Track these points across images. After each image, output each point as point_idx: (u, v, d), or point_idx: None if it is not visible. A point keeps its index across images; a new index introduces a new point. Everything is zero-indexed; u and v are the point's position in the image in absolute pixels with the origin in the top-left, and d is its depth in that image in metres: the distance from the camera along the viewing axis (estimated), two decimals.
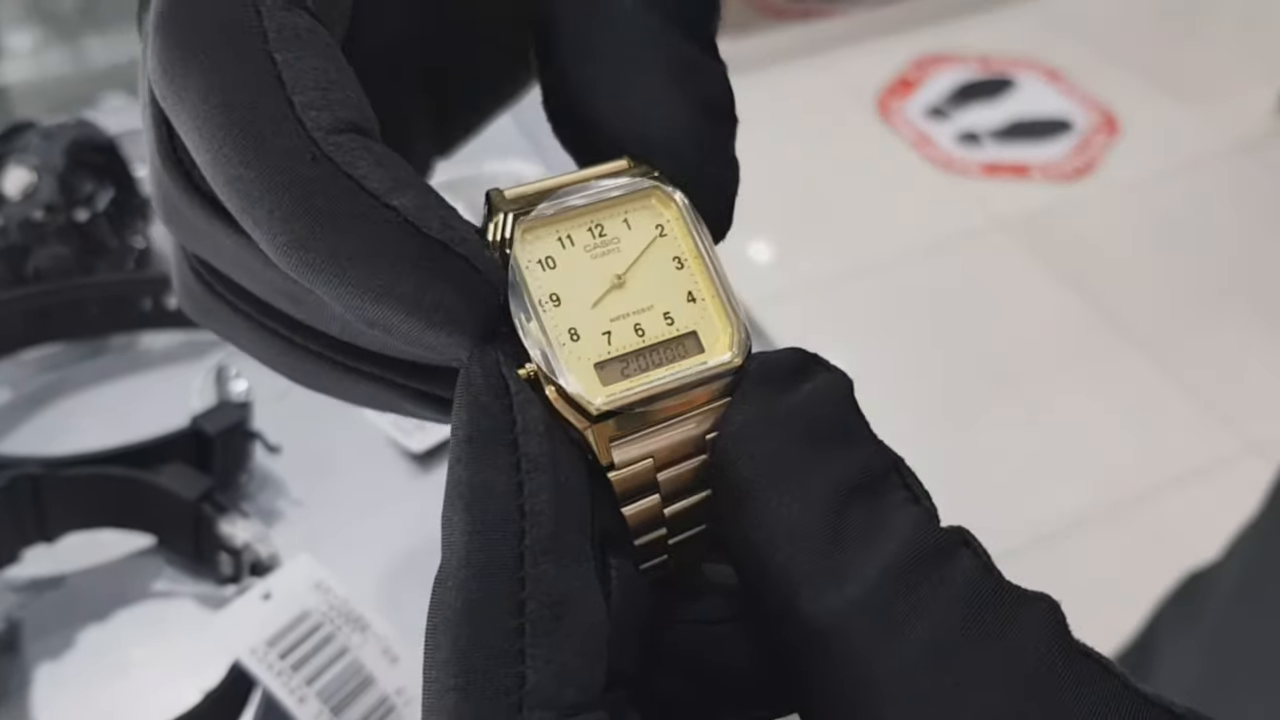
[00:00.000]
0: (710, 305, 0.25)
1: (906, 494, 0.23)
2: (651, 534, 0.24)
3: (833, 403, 0.24)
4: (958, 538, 0.23)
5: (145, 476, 0.64)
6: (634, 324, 0.24)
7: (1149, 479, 1.84)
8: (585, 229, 0.25)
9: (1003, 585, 0.22)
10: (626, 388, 0.24)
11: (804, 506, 0.22)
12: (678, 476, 0.24)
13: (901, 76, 2.60)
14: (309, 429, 0.72)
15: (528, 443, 0.22)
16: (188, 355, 0.77)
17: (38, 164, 0.73)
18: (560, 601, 0.21)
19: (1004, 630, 0.21)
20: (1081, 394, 1.97)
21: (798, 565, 0.22)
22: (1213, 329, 2.09)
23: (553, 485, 0.22)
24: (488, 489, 0.22)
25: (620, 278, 0.25)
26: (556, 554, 0.21)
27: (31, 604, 0.64)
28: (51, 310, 0.73)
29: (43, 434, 0.72)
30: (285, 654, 0.58)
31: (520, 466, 0.22)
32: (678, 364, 0.24)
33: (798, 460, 0.23)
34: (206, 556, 0.64)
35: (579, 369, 0.23)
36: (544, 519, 0.21)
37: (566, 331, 0.24)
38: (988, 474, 1.84)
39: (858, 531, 0.22)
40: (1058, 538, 1.76)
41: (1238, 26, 2.79)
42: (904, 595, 0.22)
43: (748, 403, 0.24)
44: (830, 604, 0.22)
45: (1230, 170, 2.44)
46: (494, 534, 0.21)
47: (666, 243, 0.25)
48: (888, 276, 2.17)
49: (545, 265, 0.24)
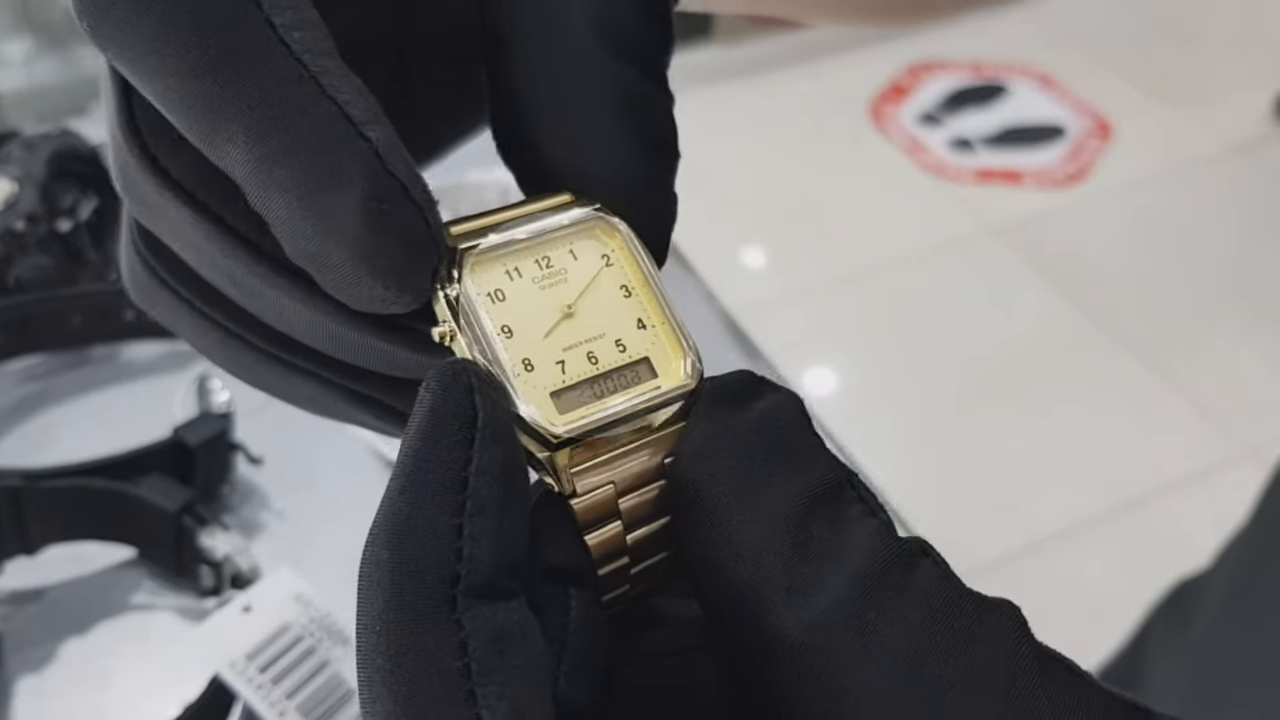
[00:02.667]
0: (660, 331, 0.25)
1: (863, 507, 0.23)
2: (614, 563, 0.24)
3: (786, 419, 0.24)
4: (917, 547, 0.23)
5: (126, 488, 0.63)
6: (587, 352, 0.25)
7: (1143, 484, 1.84)
8: (532, 261, 0.25)
9: (965, 592, 0.22)
10: (585, 414, 0.24)
11: (766, 521, 0.22)
12: (639, 503, 0.24)
13: (894, 83, 2.60)
14: (291, 441, 0.71)
15: (479, 485, 0.21)
16: (170, 366, 0.77)
17: (19, 174, 0.73)
18: (502, 636, 0.21)
19: (972, 635, 0.21)
20: (1075, 400, 1.97)
21: (764, 580, 0.22)
22: (1207, 334, 2.09)
23: (496, 530, 0.21)
24: (427, 526, 0.21)
25: (570, 308, 0.25)
26: (491, 597, 0.21)
27: (12, 616, 0.64)
28: (33, 321, 0.73)
29: (24, 445, 0.72)
30: (265, 667, 0.58)
31: (465, 507, 0.21)
32: (633, 389, 0.25)
33: (756, 477, 0.23)
34: (187, 569, 0.64)
35: (536, 398, 0.24)
36: (482, 564, 0.21)
37: (521, 362, 0.24)
38: (980, 480, 1.84)
39: (821, 544, 0.22)
40: (1052, 544, 1.76)
41: (1231, 31, 2.79)
42: (872, 604, 0.21)
43: (703, 423, 0.24)
44: (800, 617, 0.22)
45: (1224, 175, 2.44)
46: (428, 575, 0.21)
47: (613, 272, 0.26)
48: (881, 283, 2.17)
49: (495, 298, 0.24)
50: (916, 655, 0.21)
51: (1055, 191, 2.38)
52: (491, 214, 0.26)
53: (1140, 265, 2.23)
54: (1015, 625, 0.22)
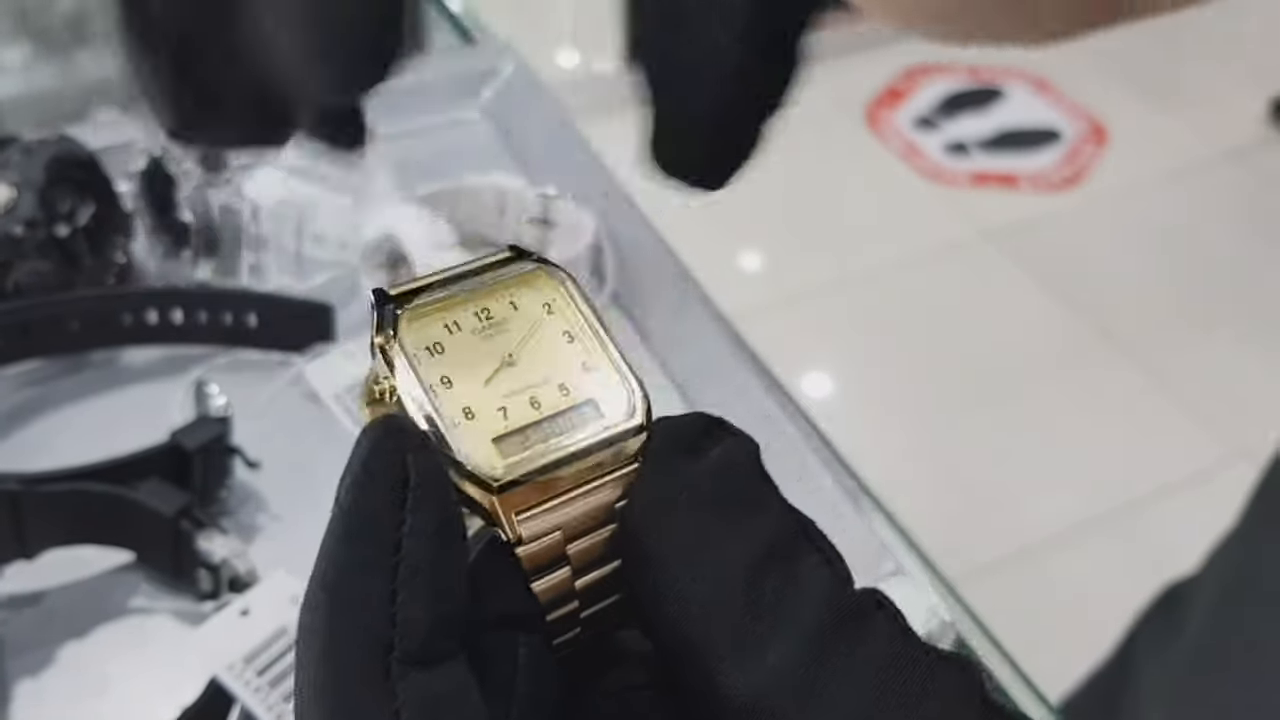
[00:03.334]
0: (605, 372, 0.25)
1: (819, 557, 0.23)
2: (563, 608, 0.24)
3: (740, 469, 0.24)
4: (871, 601, 0.22)
5: (124, 492, 0.64)
6: (529, 397, 0.24)
7: (1138, 488, 1.85)
8: (471, 313, 0.25)
9: (919, 647, 0.22)
10: (528, 457, 0.24)
11: (716, 580, 0.22)
12: (588, 548, 0.24)
13: (890, 87, 2.61)
14: (288, 444, 0.72)
15: (412, 547, 0.21)
16: (167, 371, 0.77)
17: (18, 179, 0.73)
18: (435, 702, 0.20)
19: (923, 690, 0.21)
20: (1070, 404, 1.97)
21: (713, 640, 0.22)
22: (1202, 338, 2.09)
23: (430, 594, 0.21)
24: (360, 591, 0.21)
25: (510, 355, 0.25)
26: (425, 662, 0.21)
27: (10, 620, 0.64)
28: (31, 326, 0.73)
29: (22, 450, 0.72)
30: (263, 670, 0.58)
31: (398, 572, 0.21)
32: (578, 430, 0.24)
33: (707, 532, 0.23)
34: (185, 572, 0.64)
35: (477, 444, 0.23)
36: (416, 629, 0.21)
37: (461, 411, 0.24)
38: (975, 485, 1.84)
39: (772, 601, 0.22)
40: (1046, 548, 1.77)
41: (1226, 35, 2.80)
42: (823, 664, 0.21)
43: (655, 473, 0.24)
44: (748, 678, 0.21)
45: (1219, 179, 2.44)
46: (361, 643, 0.21)
47: (555, 319, 0.26)
48: (876, 286, 2.18)
49: (434, 350, 0.24)
50: (866, 716, 0.21)
51: (1051, 195, 2.39)
52: (435, 275, 0.25)
53: (1136, 269, 2.23)
54: (968, 681, 0.22)
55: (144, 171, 0.79)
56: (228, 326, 0.77)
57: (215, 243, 0.78)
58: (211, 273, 0.79)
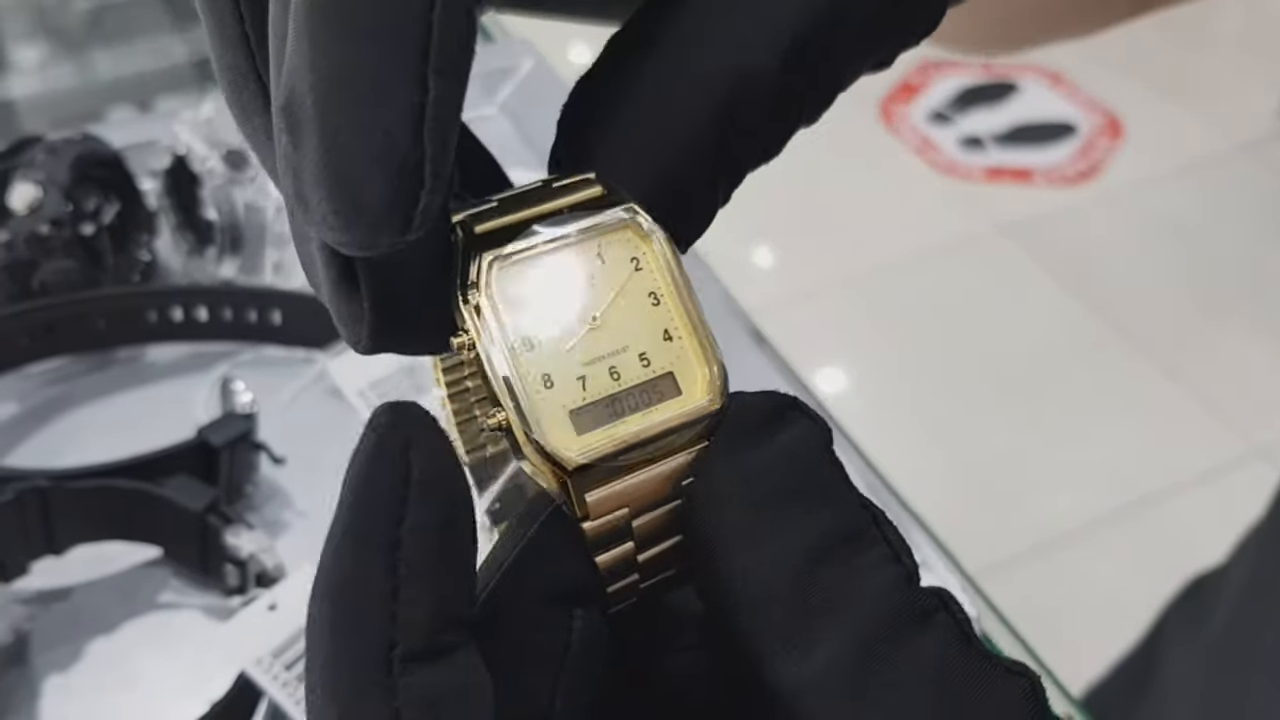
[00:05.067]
0: (687, 344, 0.24)
1: (886, 551, 0.22)
2: (623, 581, 0.24)
3: (811, 456, 0.23)
4: (936, 601, 0.22)
5: (151, 489, 0.64)
6: (609, 367, 0.23)
7: (1154, 483, 1.84)
8: (559, 265, 0.24)
9: (978, 656, 0.21)
10: (603, 438, 0.23)
11: (773, 569, 0.22)
12: (652, 521, 0.23)
13: (904, 81, 2.60)
14: (312, 440, 0.72)
15: (412, 544, 0.21)
16: (193, 367, 0.77)
17: (43, 178, 0.73)
18: (438, 701, 0.20)
19: (976, 706, 0.20)
20: (1085, 398, 1.97)
21: (764, 628, 0.21)
22: (1218, 332, 2.08)
23: (432, 590, 0.21)
24: (362, 588, 0.20)
25: (595, 318, 0.23)
26: (428, 659, 0.20)
27: (39, 616, 0.64)
28: (57, 324, 0.74)
29: (49, 447, 0.72)
30: (291, 665, 0.58)
31: (398, 570, 0.20)
32: (654, 409, 0.23)
33: (772, 517, 0.22)
34: (212, 568, 0.64)
35: (554, 418, 0.22)
36: (418, 627, 0.20)
37: (540, 378, 0.23)
38: (992, 479, 1.84)
39: (828, 596, 0.21)
40: (1062, 543, 1.76)
41: (1241, 29, 2.79)
42: (873, 667, 0.21)
43: (723, 454, 0.23)
44: (795, 674, 0.21)
45: (1234, 173, 2.43)
46: (362, 639, 0.20)
47: (642, 278, 0.24)
48: (891, 281, 2.17)
49: (518, 305, 0.23)
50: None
51: (1066, 190, 2.38)
52: (515, 203, 0.24)
53: (1151, 263, 2.23)
54: (1028, 696, 0.21)
55: (168, 170, 0.79)
56: (252, 323, 0.77)
57: (239, 240, 0.79)
58: (236, 270, 0.79)
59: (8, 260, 0.72)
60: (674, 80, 0.24)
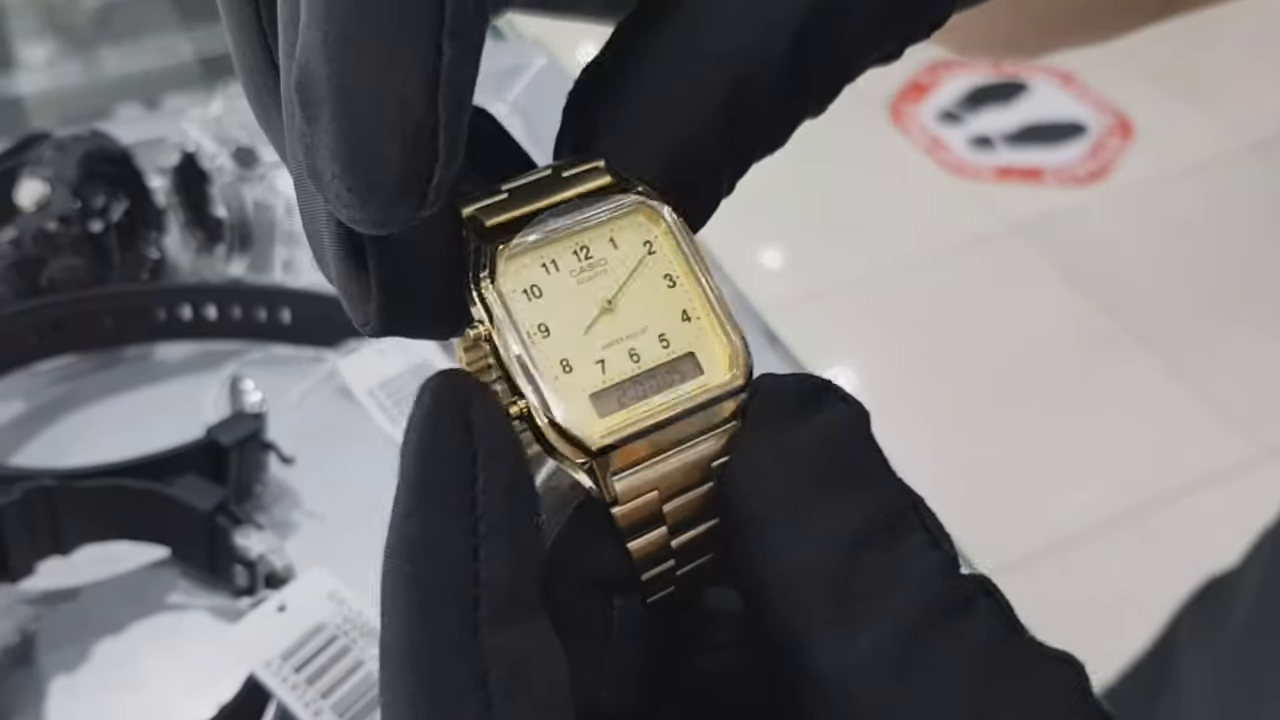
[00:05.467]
0: (706, 323, 0.24)
1: (925, 537, 0.22)
2: (659, 567, 0.23)
3: (849, 438, 0.23)
4: (979, 587, 0.21)
5: (160, 488, 0.64)
6: (628, 349, 0.23)
7: (1165, 484, 1.84)
8: (570, 252, 0.23)
9: (1024, 643, 0.21)
10: (625, 419, 0.22)
11: (816, 548, 0.21)
12: (685, 505, 0.23)
13: (913, 81, 2.60)
14: (322, 440, 0.72)
15: (489, 501, 0.20)
16: (202, 366, 0.77)
17: (51, 175, 0.73)
18: (523, 664, 0.20)
19: (1025, 693, 0.20)
20: (1096, 399, 1.96)
21: (807, 612, 0.21)
22: (1228, 333, 2.08)
23: (511, 547, 0.20)
24: (441, 552, 0.20)
25: (610, 302, 0.23)
26: (512, 619, 0.20)
27: (46, 616, 0.64)
28: (65, 321, 0.73)
29: (57, 446, 0.72)
30: (300, 667, 0.58)
31: (477, 529, 0.20)
32: (676, 389, 0.23)
33: (812, 499, 0.22)
34: (221, 569, 0.64)
35: (574, 402, 0.22)
36: (500, 585, 0.20)
37: (558, 363, 0.22)
38: (1001, 480, 1.83)
39: (872, 578, 0.21)
40: (1073, 544, 1.76)
41: (1252, 29, 2.78)
42: (918, 651, 0.20)
43: (759, 433, 0.23)
44: (839, 657, 0.21)
45: (1245, 173, 2.43)
46: (447, 603, 0.20)
47: (656, 260, 0.24)
48: (901, 281, 2.17)
49: (531, 295, 0.23)
50: (960, 711, 0.20)
51: (1076, 189, 2.37)
52: (525, 193, 0.24)
53: (1161, 263, 2.22)
54: (1073, 684, 0.21)
55: (177, 167, 0.79)
56: (261, 322, 0.77)
57: (249, 238, 0.78)
58: (245, 268, 0.79)
59: (15, 257, 0.72)
60: (680, 67, 0.24)
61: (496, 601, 0.20)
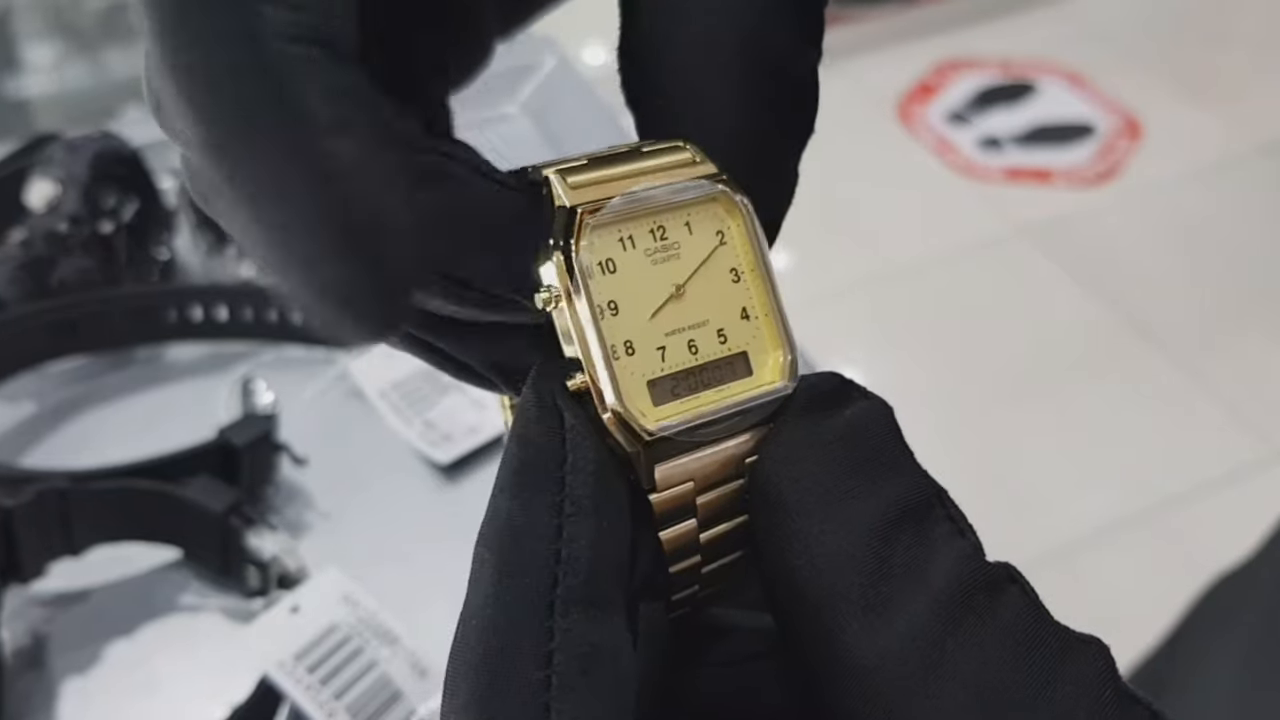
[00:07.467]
0: (763, 324, 0.24)
1: (951, 526, 0.22)
2: (686, 561, 0.23)
3: (876, 429, 0.23)
4: (1005, 574, 0.22)
5: (172, 489, 0.63)
6: (688, 340, 0.23)
7: (1175, 485, 1.83)
8: (647, 230, 0.23)
9: (1051, 626, 0.21)
10: (677, 411, 0.23)
11: (849, 534, 0.22)
12: (717, 500, 0.23)
13: (922, 82, 2.59)
14: (334, 441, 0.71)
15: (575, 483, 0.21)
16: (214, 367, 0.77)
17: (62, 176, 0.73)
18: (590, 654, 0.20)
19: (1054, 674, 0.20)
20: (1105, 400, 1.96)
21: (842, 594, 0.21)
22: (1238, 333, 2.07)
23: (594, 530, 0.21)
24: (526, 527, 0.21)
25: (680, 288, 0.23)
26: (588, 604, 0.20)
27: (58, 618, 0.64)
28: (76, 322, 0.73)
29: (68, 447, 0.72)
30: (313, 668, 0.58)
31: (563, 508, 0.21)
32: (727, 386, 0.23)
33: (842, 486, 0.22)
34: (234, 570, 0.64)
35: (632, 386, 0.22)
36: (580, 566, 0.20)
37: (623, 344, 0.22)
38: (1011, 481, 1.83)
39: (904, 563, 0.21)
40: (1083, 545, 1.75)
41: (1261, 29, 2.77)
42: (952, 632, 0.21)
43: (791, 426, 0.23)
44: (875, 639, 0.21)
45: (1254, 174, 2.42)
46: (526, 578, 0.20)
47: (726, 252, 0.24)
48: (909, 283, 2.17)
49: (606, 269, 0.23)
50: (993, 692, 0.20)
51: (1085, 190, 2.37)
52: (605, 163, 0.23)
53: (1170, 264, 2.22)
54: (1101, 665, 0.21)
55: None
56: (273, 323, 0.77)
57: None
58: (255, 269, 0.79)
59: (26, 258, 0.72)
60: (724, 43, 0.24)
61: (575, 581, 0.20)
